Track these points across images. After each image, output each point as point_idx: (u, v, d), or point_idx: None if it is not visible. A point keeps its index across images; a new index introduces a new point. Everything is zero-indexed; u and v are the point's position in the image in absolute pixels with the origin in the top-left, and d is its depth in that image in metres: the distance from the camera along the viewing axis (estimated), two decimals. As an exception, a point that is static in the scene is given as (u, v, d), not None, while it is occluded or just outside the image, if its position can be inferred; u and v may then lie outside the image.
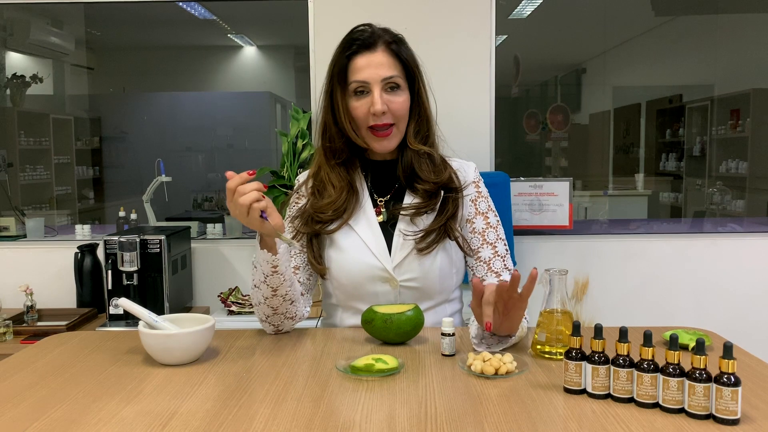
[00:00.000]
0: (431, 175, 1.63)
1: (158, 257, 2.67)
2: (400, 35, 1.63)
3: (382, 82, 1.56)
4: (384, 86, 1.57)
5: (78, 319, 2.71)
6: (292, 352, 1.41)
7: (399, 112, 1.58)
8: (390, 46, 1.59)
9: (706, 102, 6.25)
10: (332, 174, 1.64)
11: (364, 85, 1.57)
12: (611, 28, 6.84)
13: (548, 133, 6.73)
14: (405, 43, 1.63)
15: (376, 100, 1.55)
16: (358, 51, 1.58)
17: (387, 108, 1.56)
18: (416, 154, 1.63)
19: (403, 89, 1.60)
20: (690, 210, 6.35)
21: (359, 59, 1.58)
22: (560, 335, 1.33)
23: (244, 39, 7.30)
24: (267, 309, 1.52)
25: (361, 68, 1.57)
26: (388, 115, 1.57)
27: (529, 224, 3.01)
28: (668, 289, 3.04)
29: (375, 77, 1.56)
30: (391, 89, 1.58)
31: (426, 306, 1.61)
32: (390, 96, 1.57)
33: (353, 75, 1.58)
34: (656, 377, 1.07)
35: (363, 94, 1.58)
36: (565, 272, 1.34)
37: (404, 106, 1.59)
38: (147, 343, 1.33)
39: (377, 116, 1.56)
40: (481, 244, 1.64)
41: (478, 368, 1.23)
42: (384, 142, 1.59)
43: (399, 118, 1.59)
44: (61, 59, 6.18)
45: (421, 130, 1.65)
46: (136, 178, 6.10)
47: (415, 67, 1.63)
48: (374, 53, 1.57)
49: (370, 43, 1.58)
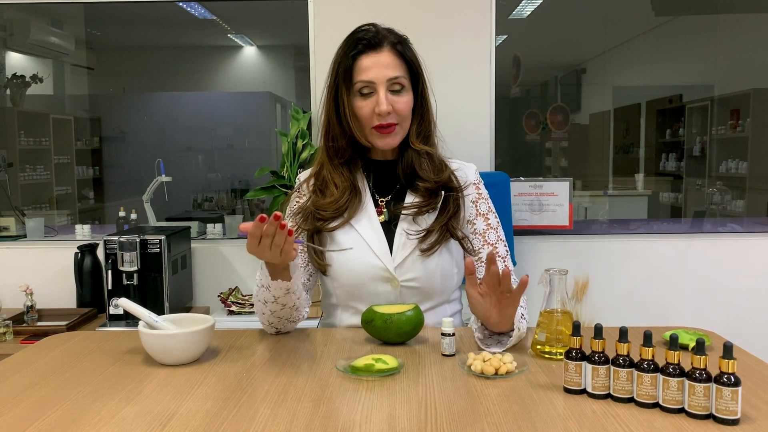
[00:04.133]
0: (431, 174, 1.63)
1: (158, 257, 2.67)
2: (405, 36, 1.64)
3: (387, 82, 1.57)
4: (389, 86, 1.57)
5: (78, 319, 2.71)
6: (292, 352, 1.41)
7: (403, 112, 1.59)
8: (395, 47, 1.60)
9: (706, 102, 6.24)
10: (335, 173, 1.64)
11: (369, 85, 1.57)
12: (611, 28, 6.83)
13: (548, 133, 6.72)
14: (409, 43, 1.64)
15: (382, 101, 1.55)
16: (364, 51, 1.58)
17: (392, 108, 1.56)
18: (417, 153, 1.64)
19: (407, 90, 1.60)
20: (690, 210, 6.35)
21: (365, 59, 1.58)
22: (560, 335, 1.33)
23: (244, 39, 7.30)
24: (271, 317, 1.52)
25: (367, 68, 1.57)
26: (392, 115, 1.57)
27: (529, 224, 3.01)
28: (668, 289, 3.04)
29: (381, 77, 1.56)
30: (396, 90, 1.58)
31: (426, 306, 1.61)
32: (395, 96, 1.58)
33: (359, 75, 1.58)
34: (656, 377, 1.07)
35: (368, 95, 1.58)
36: (565, 272, 1.34)
37: (408, 106, 1.60)
38: (147, 343, 1.33)
39: (382, 116, 1.56)
40: (482, 245, 1.64)
41: (478, 368, 1.23)
42: (387, 138, 1.60)
43: (403, 118, 1.60)
44: (61, 59, 6.17)
45: (423, 131, 1.65)
46: (136, 178, 6.09)
47: (419, 67, 1.63)
48: (380, 53, 1.58)
49: (376, 42, 1.59)
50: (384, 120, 1.57)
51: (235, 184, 6.65)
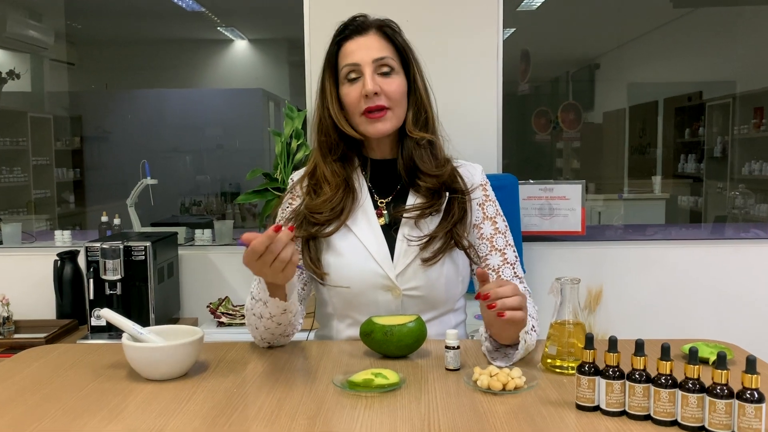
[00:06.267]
0: (433, 167, 1.63)
1: (143, 265, 2.67)
2: (395, 23, 1.64)
3: (373, 63, 1.57)
4: (376, 68, 1.58)
5: (57, 331, 2.71)
6: (286, 366, 1.41)
7: (394, 95, 1.58)
8: (382, 29, 1.61)
9: (727, 99, 6.25)
10: (328, 170, 1.64)
11: (355, 67, 1.58)
12: (627, 21, 6.85)
13: (559, 133, 6.73)
14: (400, 30, 1.64)
15: (368, 80, 1.55)
16: (350, 36, 1.61)
17: (380, 89, 1.56)
18: (416, 144, 1.63)
19: (397, 72, 1.60)
20: (711, 214, 6.35)
21: (350, 43, 1.60)
22: (572, 348, 1.33)
23: (235, 32, 7.32)
24: (264, 332, 1.52)
25: (352, 52, 1.59)
26: (381, 97, 1.57)
27: (539, 230, 3.01)
28: (688, 299, 3.04)
29: (366, 58, 1.57)
30: (385, 73, 1.58)
31: (429, 316, 1.61)
32: (383, 79, 1.58)
33: (344, 60, 1.60)
34: (675, 393, 1.07)
35: (355, 80, 1.59)
36: (578, 281, 1.34)
37: (399, 89, 1.60)
38: (131, 357, 1.33)
39: (369, 97, 1.56)
40: (490, 251, 1.64)
41: (484, 383, 1.23)
42: (378, 124, 1.58)
43: (394, 102, 1.59)
44: (39, 54, 6.19)
45: (420, 118, 1.65)
46: (119, 181, 6.08)
47: (410, 51, 1.64)
48: (365, 36, 1.60)
49: (363, 28, 1.61)
50: (372, 102, 1.56)
51: (225, 187, 6.66)
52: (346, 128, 1.61)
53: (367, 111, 1.57)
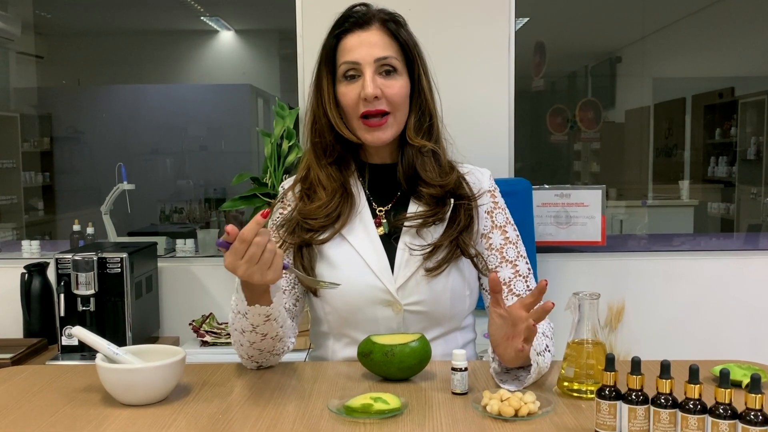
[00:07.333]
0: (436, 176, 1.63)
1: (119, 279, 2.67)
2: (401, 16, 1.64)
3: (375, 63, 1.57)
4: (378, 68, 1.58)
5: (25, 351, 2.71)
6: (277, 389, 1.41)
7: (396, 98, 1.59)
8: (386, 24, 1.61)
9: (762, 96, 6.26)
10: (323, 174, 1.64)
11: (354, 66, 1.58)
12: (651, 11, 6.86)
13: (577, 133, 6.74)
14: (405, 24, 1.64)
15: (368, 83, 1.56)
16: (350, 29, 1.60)
17: (381, 93, 1.57)
18: (418, 152, 1.64)
19: (400, 73, 1.61)
20: (744, 223, 6.35)
21: (350, 38, 1.60)
22: (591, 370, 1.33)
23: (220, 22, 7.33)
24: (250, 349, 1.51)
25: (352, 48, 1.59)
26: (382, 101, 1.57)
27: (555, 240, 3.01)
28: (718, 315, 3.04)
29: (367, 57, 1.57)
30: (387, 73, 1.59)
31: (434, 335, 1.61)
32: (385, 80, 1.58)
33: (342, 56, 1.60)
34: (704, 419, 1.07)
35: (354, 79, 1.59)
36: (597, 296, 1.35)
37: (402, 92, 1.60)
38: (106, 380, 1.33)
39: (369, 101, 1.56)
40: (500, 262, 1.64)
41: (494, 409, 1.23)
42: (377, 133, 1.59)
43: (396, 106, 1.60)
44: (5, 46, 6.20)
45: (423, 124, 1.65)
46: (93, 186, 6.11)
47: (415, 49, 1.64)
48: (367, 31, 1.59)
49: (364, 21, 1.60)
50: (372, 106, 1.57)
51: (209, 192, 6.65)
52: (344, 131, 1.61)
53: (366, 116, 1.58)
